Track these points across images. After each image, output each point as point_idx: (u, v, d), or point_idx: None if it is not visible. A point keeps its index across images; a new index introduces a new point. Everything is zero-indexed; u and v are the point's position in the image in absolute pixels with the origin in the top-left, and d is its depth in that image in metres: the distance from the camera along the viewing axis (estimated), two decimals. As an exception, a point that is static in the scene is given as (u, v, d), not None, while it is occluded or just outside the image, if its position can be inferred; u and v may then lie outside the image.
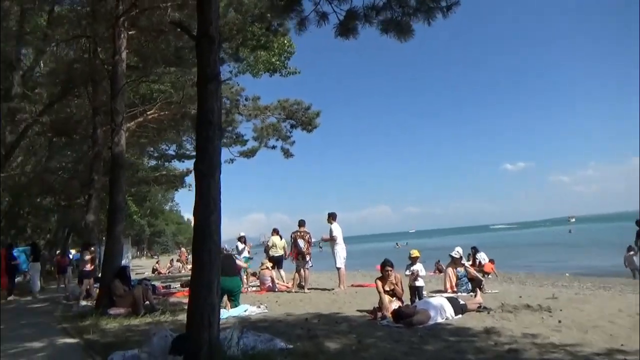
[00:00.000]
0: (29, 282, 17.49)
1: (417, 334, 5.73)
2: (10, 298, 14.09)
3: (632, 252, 13.52)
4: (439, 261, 18.65)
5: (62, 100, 15.54)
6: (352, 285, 12.60)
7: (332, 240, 11.71)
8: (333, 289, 11.71)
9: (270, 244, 13.69)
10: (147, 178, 18.47)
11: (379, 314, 7.08)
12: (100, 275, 17.76)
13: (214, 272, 4.39)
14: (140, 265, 36.55)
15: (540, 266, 18.87)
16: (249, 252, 13.86)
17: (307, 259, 11.77)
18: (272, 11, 8.84)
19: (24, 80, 15.94)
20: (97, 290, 13.76)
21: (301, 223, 12.05)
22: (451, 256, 10.31)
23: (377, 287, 7.55)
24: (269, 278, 12.72)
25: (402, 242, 67.28)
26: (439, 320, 6.48)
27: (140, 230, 62.32)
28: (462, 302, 7.10)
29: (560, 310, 6.85)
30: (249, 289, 13.29)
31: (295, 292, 11.68)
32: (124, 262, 32.48)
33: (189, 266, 30.94)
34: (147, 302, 9.76)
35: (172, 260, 30.38)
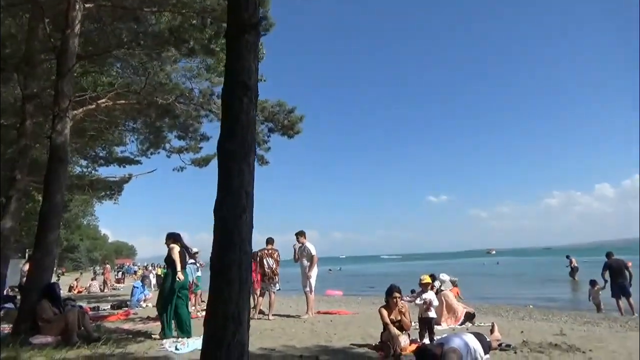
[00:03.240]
0: None
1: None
2: None
3: (597, 287, 13.44)
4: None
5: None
6: (319, 312, 11.33)
7: (312, 261, 10.44)
8: (300, 316, 10.39)
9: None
10: (81, 183, 16.00)
11: (391, 351, 5.91)
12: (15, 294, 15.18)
13: (245, 295, 3.06)
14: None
15: (493, 298, 18.59)
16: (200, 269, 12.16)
17: (276, 280, 10.40)
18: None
19: None
20: (9, 312, 11.51)
21: (270, 240, 10.70)
22: (452, 281, 9.38)
23: (382, 318, 6.41)
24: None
25: (336, 267, 66.38)
26: (469, 361, 5.44)
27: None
28: (487, 338, 6.12)
29: (590, 350, 6.07)
30: (199, 313, 11.60)
31: (258, 318, 10.21)
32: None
33: (116, 284, 28.11)
34: (83, 329, 7.92)
35: (95, 277, 27.29)
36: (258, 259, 10.47)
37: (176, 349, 6.60)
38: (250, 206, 3.19)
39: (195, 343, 6.87)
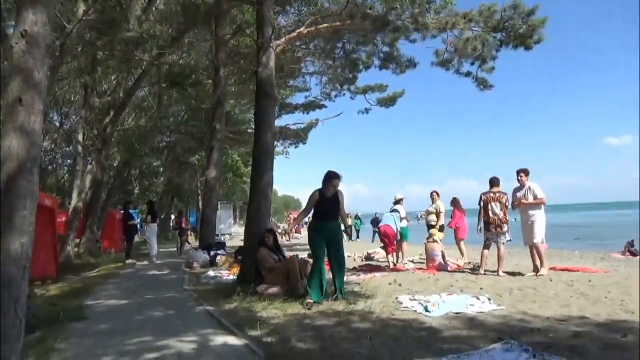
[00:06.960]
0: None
1: None
2: (128, 261, 12.53)
3: None
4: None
5: (179, 41, 13.45)
6: (555, 269, 9.29)
7: (539, 202, 8.48)
8: (535, 274, 8.45)
9: (433, 209, 10.72)
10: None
11: None
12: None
13: None
14: (238, 232, 35.29)
15: None
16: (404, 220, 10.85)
17: (505, 229, 8.62)
18: None
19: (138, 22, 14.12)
20: (222, 258, 11.84)
21: (494, 182, 8.87)
22: None
23: None
24: (439, 253, 9.79)
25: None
26: None
27: (244, 196, 61.55)
28: None
29: None
30: (406, 264, 10.50)
31: (484, 273, 8.63)
32: (228, 229, 31.32)
33: (296, 234, 29.38)
34: (305, 279, 7.26)
35: (280, 227, 28.78)
36: (482, 203, 8.78)
37: (426, 310, 5.37)
38: None
39: (446, 305, 5.56)
